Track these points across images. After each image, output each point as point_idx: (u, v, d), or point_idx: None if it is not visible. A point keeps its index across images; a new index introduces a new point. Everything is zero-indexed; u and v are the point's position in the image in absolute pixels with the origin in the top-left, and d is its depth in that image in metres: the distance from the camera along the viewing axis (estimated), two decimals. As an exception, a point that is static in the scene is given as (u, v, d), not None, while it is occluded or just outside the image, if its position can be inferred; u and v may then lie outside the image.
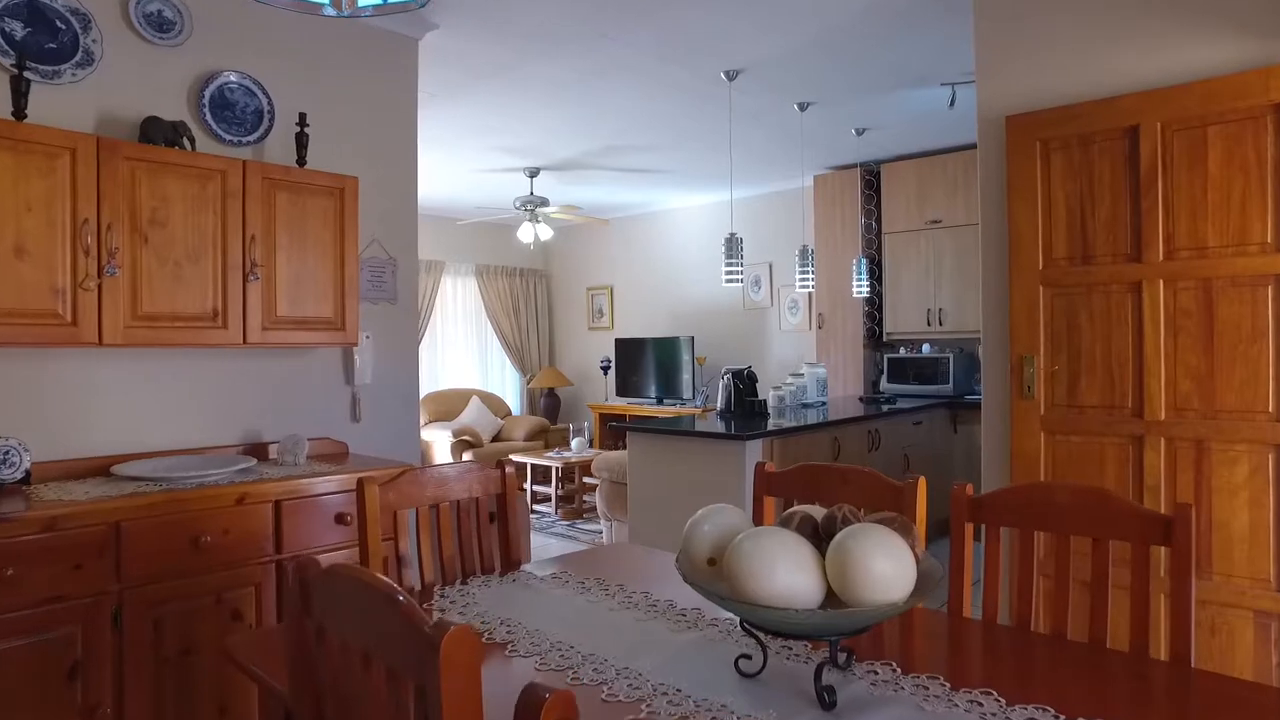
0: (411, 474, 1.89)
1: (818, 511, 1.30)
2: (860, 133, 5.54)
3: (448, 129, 5.30)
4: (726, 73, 4.28)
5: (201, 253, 2.57)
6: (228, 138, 2.89)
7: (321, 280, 2.89)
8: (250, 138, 2.96)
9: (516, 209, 6.48)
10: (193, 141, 2.68)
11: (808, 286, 5.05)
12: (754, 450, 3.78)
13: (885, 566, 1.09)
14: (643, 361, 8.02)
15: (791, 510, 1.28)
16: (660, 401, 7.77)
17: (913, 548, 1.18)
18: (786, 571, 1.11)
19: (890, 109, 5.00)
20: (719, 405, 4.72)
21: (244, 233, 2.67)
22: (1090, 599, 1.43)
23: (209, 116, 2.84)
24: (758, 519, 1.96)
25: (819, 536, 1.22)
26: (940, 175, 6.03)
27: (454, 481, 1.98)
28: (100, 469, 2.56)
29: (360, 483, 1.77)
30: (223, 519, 2.41)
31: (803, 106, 4.91)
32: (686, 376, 7.64)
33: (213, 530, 2.38)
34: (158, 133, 2.56)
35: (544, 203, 6.45)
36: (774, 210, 7.44)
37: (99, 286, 2.35)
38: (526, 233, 6.51)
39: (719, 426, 4.27)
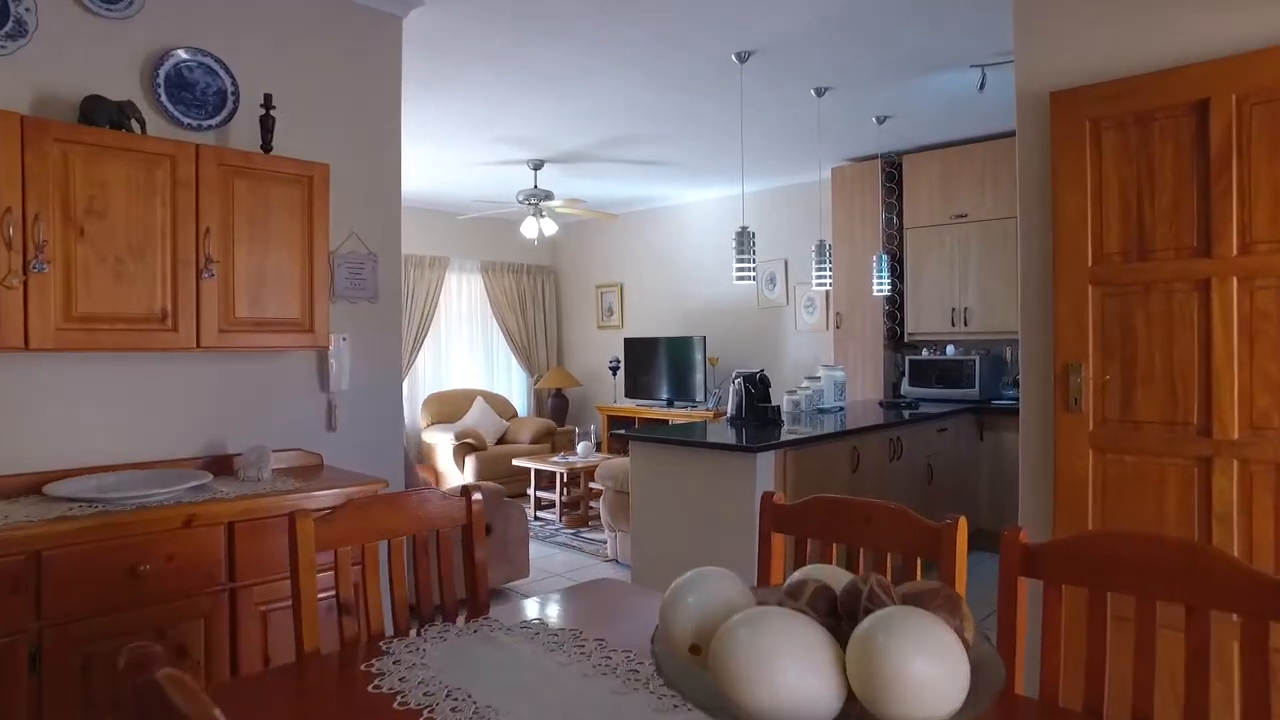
0: (358, 505, 1.62)
1: (836, 577, 1.01)
2: (881, 121, 5.22)
3: (446, 119, 5.03)
4: (738, 54, 3.98)
5: (148, 247, 2.31)
6: (186, 121, 2.63)
7: (287, 277, 2.62)
8: (211, 121, 2.69)
9: (520, 203, 6.21)
10: (143, 124, 2.42)
11: (825, 284, 4.75)
12: (765, 463, 3.48)
13: (929, 669, 0.80)
14: (653, 362, 7.73)
15: (802, 578, 0.99)
16: (671, 404, 7.48)
17: (962, 634, 0.89)
18: (795, 673, 0.82)
19: (914, 94, 4.68)
20: (729, 411, 4.43)
21: (197, 225, 2.41)
22: (1183, 684, 1.13)
23: (164, 97, 2.58)
24: (764, 560, 1.67)
25: (837, 615, 0.93)
26: (967, 167, 5.69)
27: (410, 512, 1.70)
28: (32, 488, 2.31)
29: (292, 519, 1.50)
30: (167, 544, 2.15)
31: (820, 92, 4.60)
32: (698, 378, 7.35)
33: (154, 557, 2.12)
34: (100, 113, 2.30)
35: (548, 196, 6.17)
36: (789, 204, 7.13)
37: (24, 284, 2.09)
38: (530, 228, 6.24)
39: (729, 435, 3.97)
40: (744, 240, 4.02)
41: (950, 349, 5.87)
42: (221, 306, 2.47)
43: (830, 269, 4.71)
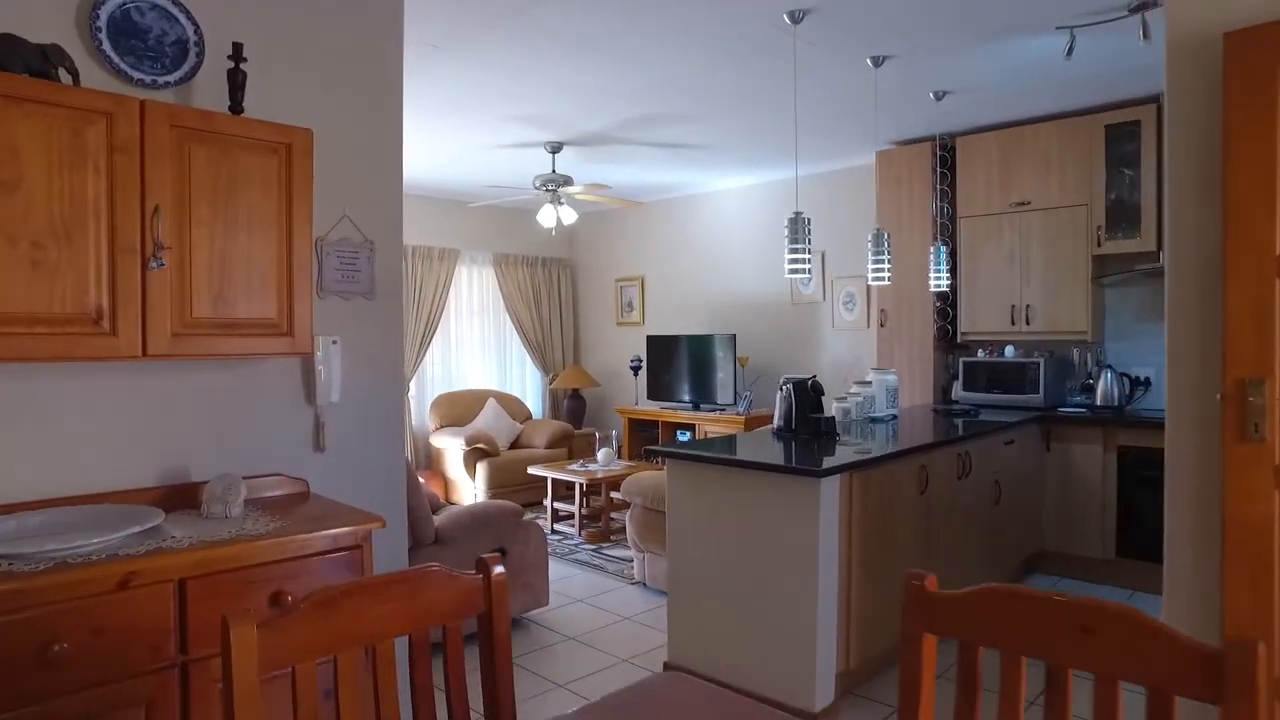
0: (322, 602, 1.11)
1: None
2: (939, 97, 4.68)
3: (456, 91, 4.53)
4: (791, 14, 3.46)
5: (76, 229, 1.82)
6: (137, 76, 2.14)
7: (260, 268, 2.12)
8: (169, 78, 2.20)
9: (536, 189, 5.70)
10: (75, 75, 1.93)
11: (882, 278, 4.22)
12: (831, 487, 2.97)
13: None
14: (678, 361, 7.22)
15: None
16: (697, 407, 6.97)
17: None
18: None
19: (983, 64, 4.14)
20: (776, 421, 3.92)
21: (143, 201, 1.91)
22: None
23: (106, 45, 2.09)
24: (910, 673, 1.16)
25: None
26: (1029, 149, 5.15)
27: (403, 602, 1.20)
28: (-74, 536, 1.82)
29: (224, 625, 1.00)
30: (94, 613, 1.66)
31: (877, 61, 4.07)
32: (725, 378, 6.83)
33: (74, 631, 1.63)
34: (13, 57, 1.80)
35: (567, 182, 5.66)
36: (826, 192, 6.60)
37: (-98, 276, 1.60)
38: (548, 216, 5.74)
39: (776, 450, 3.47)
40: (798, 228, 3.50)
41: (1009, 350, 5.34)
42: (175, 304, 1.97)
43: (889, 261, 4.18)
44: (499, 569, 1.27)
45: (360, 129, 2.64)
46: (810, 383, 3.83)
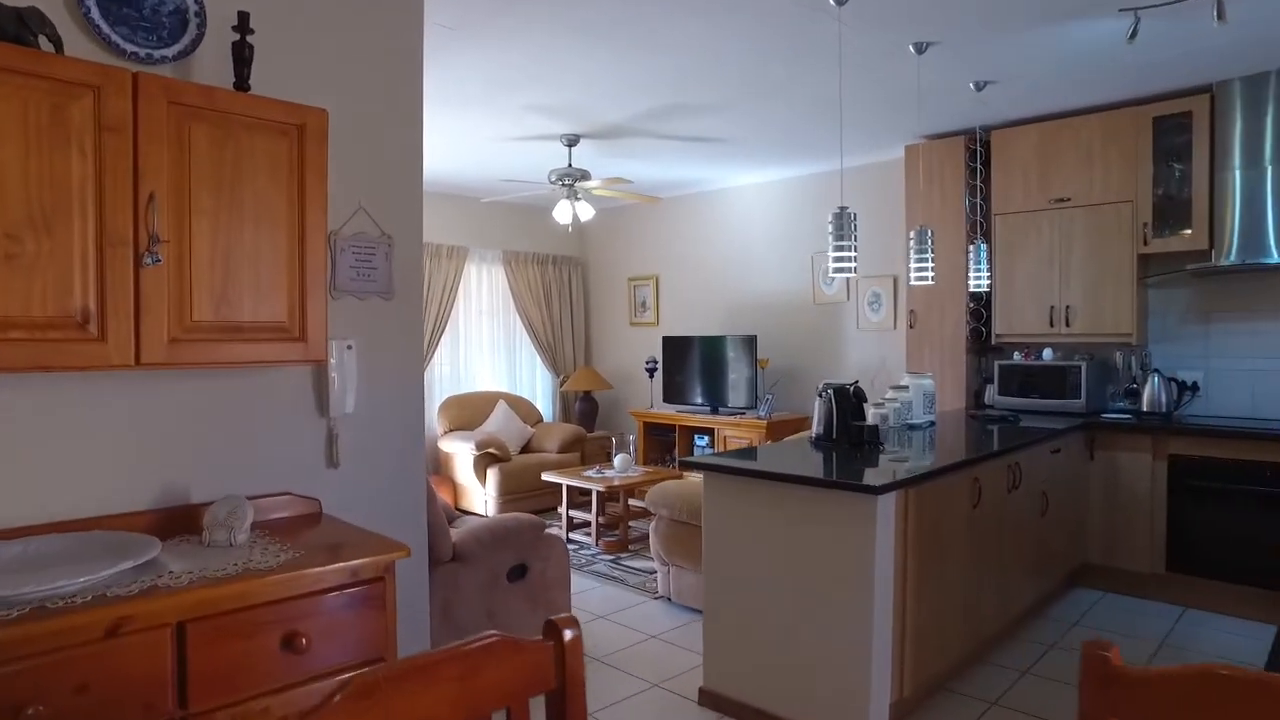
0: (363, 690, 0.87)
1: None
2: (980, 87, 4.44)
3: (470, 79, 4.29)
4: (837, -6, 3.22)
5: (57, 218, 1.58)
6: (130, 49, 1.90)
7: (269, 265, 1.88)
8: (167, 51, 1.96)
9: (552, 184, 5.46)
10: (58, 44, 1.69)
11: (926, 278, 3.97)
12: (887, 505, 2.73)
13: None
14: (695, 363, 6.98)
15: None
16: (715, 410, 6.73)
17: None
18: None
19: (1030, 52, 3.90)
20: (814, 430, 3.68)
21: (136, 188, 1.67)
22: None
23: (95, 13, 1.85)
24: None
25: None
26: (1070, 143, 4.91)
27: (459, 684, 0.95)
28: (-116, 575, 1.59)
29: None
30: (78, 667, 1.43)
31: (920, 48, 3.83)
32: (745, 381, 6.59)
33: (53, 690, 1.39)
34: (-14, 21, 1.57)
35: (585, 176, 5.42)
36: (850, 188, 6.35)
37: None
38: (564, 212, 5.50)
39: (817, 461, 3.23)
40: (843, 223, 3.26)
41: (1047, 353, 5.10)
42: (173, 306, 1.73)
43: (932, 260, 3.94)
44: (571, 632, 1.03)
45: (377, 110, 2.40)
46: (852, 389, 3.59)
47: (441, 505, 3.49)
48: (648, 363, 7.25)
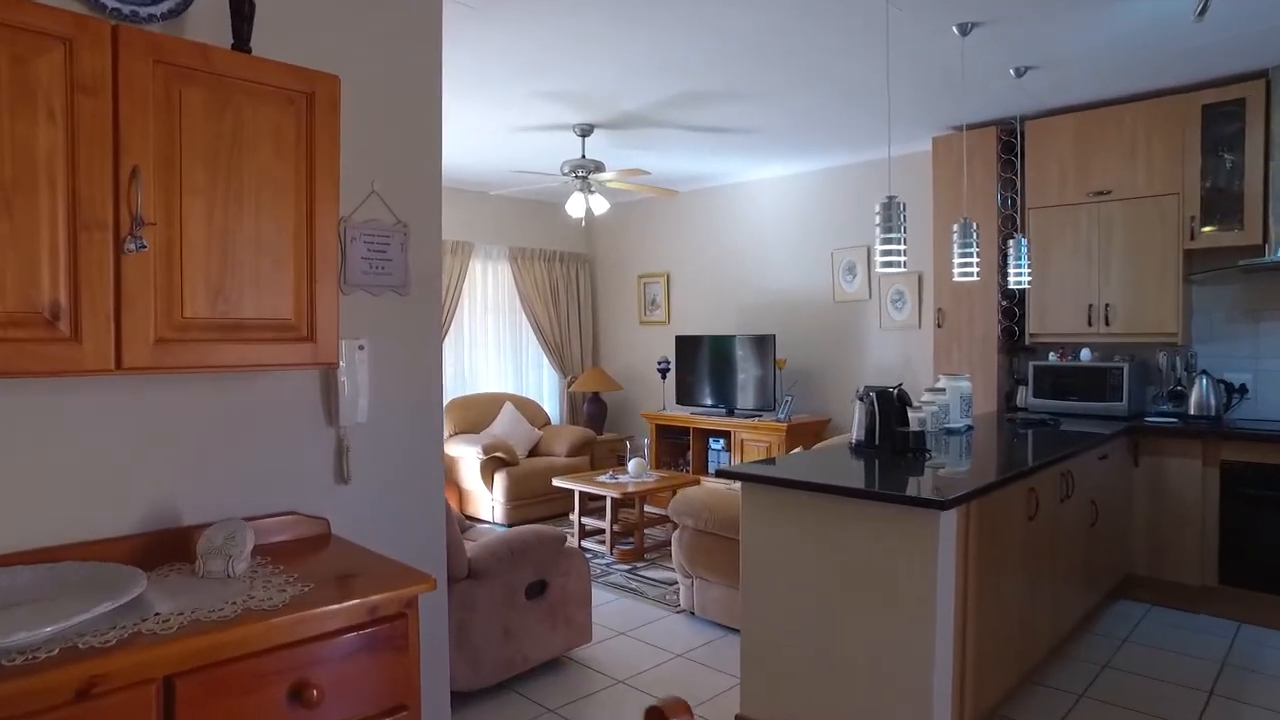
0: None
1: None
2: (1021, 72, 4.20)
3: (481, 61, 4.04)
4: (885, -35, 2.97)
5: (20, 195, 1.33)
6: (112, 4, 1.65)
7: (272, 253, 1.63)
8: (155, 9, 1.71)
9: (565, 175, 5.21)
10: (26, -9, 1.44)
11: (970, 274, 3.72)
12: (950, 520, 2.49)
13: None
14: (709, 363, 6.74)
15: None
16: (731, 413, 6.49)
17: None
18: None
19: (1079, 34, 3.66)
20: (854, 434, 3.43)
21: (116, 161, 1.42)
22: None
23: (72, -41, 1.59)
24: None
25: None
26: (1112, 133, 4.67)
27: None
28: None
29: None
30: (43, 735, 1.18)
31: (965, 29, 3.59)
32: (762, 382, 6.35)
33: (14, 767, 1.14)
34: (-64, -42, 1.31)
35: (599, 168, 5.17)
36: (872, 182, 6.12)
37: None
38: (577, 205, 5.25)
39: (861, 471, 2.99)
40: (892, 214, 3.01)
41: (1085, 354, 4.86)
42: (161, 300, 1.48)
43: (977, 255, 3.69)
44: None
45: (392, 84, 2.15)
46: (895, 392, 3.35)
47: (454, 517, 3.25)
48: (660, 363, 7.00)
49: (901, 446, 3.27)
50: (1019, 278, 4.22)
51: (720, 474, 2.95)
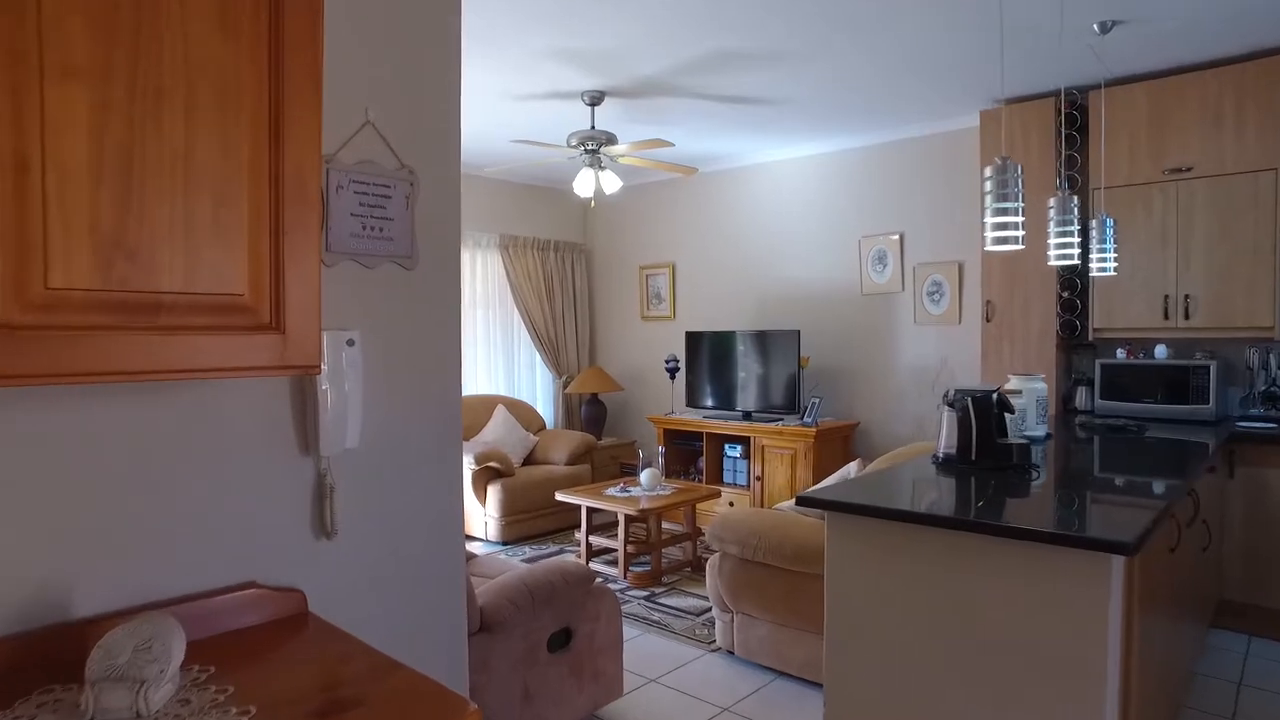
0: None
1: None
2: (1106, 28, 3.65)
3: (480, 13, 3.40)
4: None
5: None
6: None
7: (213, 189, 1.00)
8: None
9: (572, 148, 4.58)
10: None
11: (1070, 256, 3.13)
12: (1119, 570, 1.91)
13: None
14: (723, 362, 6.14)
15: None
16: (749, 416, 5.89)
17: None
18: None
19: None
20: (941, 447, 2.84)
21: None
22: None
23: None
24: None
25: None
26: (1194, 102, 4.13)
27: None
28: None
29: None
30: None
31: (1062, -35, 3.03)
32: (781, 381, 5.76)
33: None
34: None
35: (611, 140, 4.55)
36: (905, 163, 5.56)
37: None
38: (585, 183, 4.62)
39: (945, 491, 2.41)
40: (1007, 178, 2.42)
41: (1160, 350, 4.33)
42: (11, 258, 0.85)
43: (1077, 233, 3.10)
44: None
45: (395, -30, 1.52)
46: (995, 397, 2.77)
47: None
48: (668, 361, 6.39)
49: (1004, 462, 2.70)
50: (1104, 264, 3.66)
51: (802, 501, 2.35)
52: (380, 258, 1.53)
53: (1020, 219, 2.43)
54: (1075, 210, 3.11)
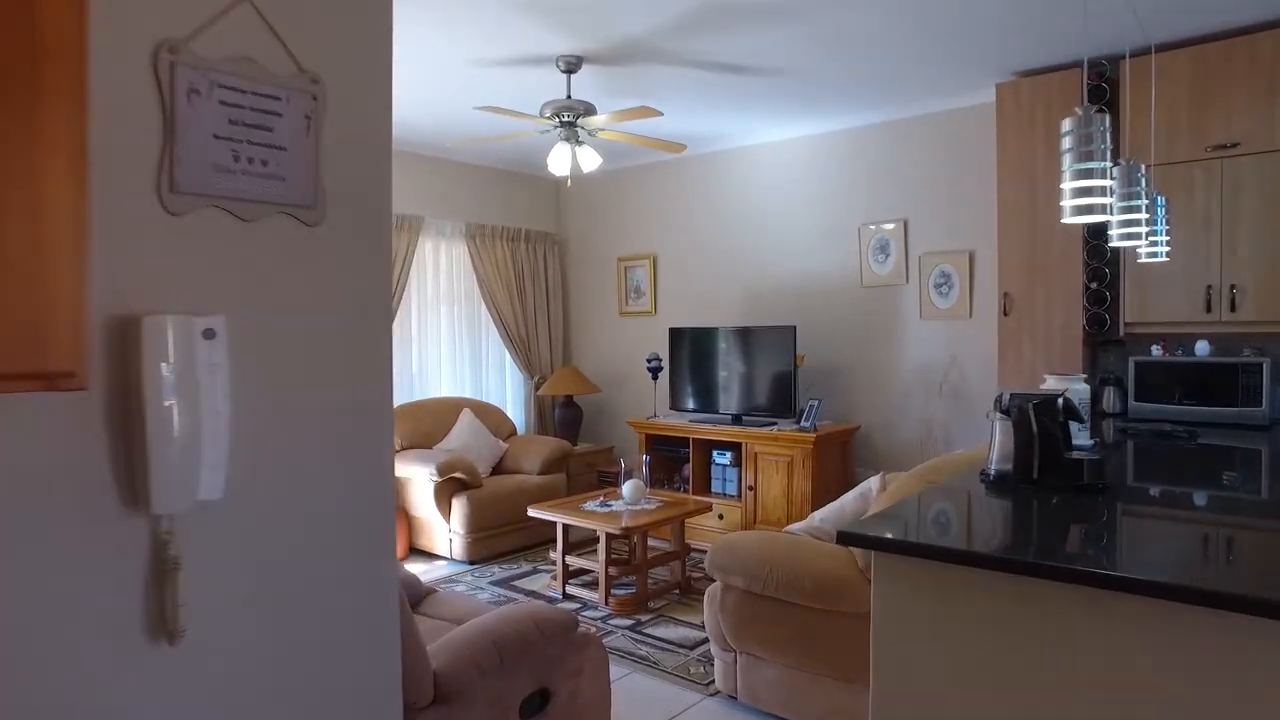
0: None
1: None
2: (1155, -20, 3.20)
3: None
4: None
5: None
6: None
7: None
8: None
9: (545, 119, 4.05)
10: None
11: (1137, 235, 2.67)
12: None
13: None
14: (710, 361, 5.64)
15: None
16: (739, 420, 5.40)
17: None
18: None
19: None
20: (994, 463, 2.36)
21: None
22: None
23: None
24: None
25: None
26: (1242, 70, 3.71)
27: None
28: None
29: None
30: None
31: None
32: (774, 381, 5.28)
33: None
34: None
35: (589, 110, 4.03)
36: (908, 145, 5.10)
37: None
38: (560, 159, 4.09)
39: (1021, 523, 1.93)
40: (1091, 130, 1.94)
41: (1201, 346, 3.91)
42: None
43: (1145, 206, 2.64)
44: None
45: None
46: (1060, 402, 2.30)
47: (407, 612, 2.10)
48: (650, 360, 5.88)
49: (1072, 481, 2.22)
50: (1155, 249, 3.21)
51: (845, 539, 1.84)
52: (264, 205, 1.00)
53: (1109, 182, 1.95)
54: (1143, 181, 2.64)
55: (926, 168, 5.01)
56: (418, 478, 5.07)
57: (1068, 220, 2.04)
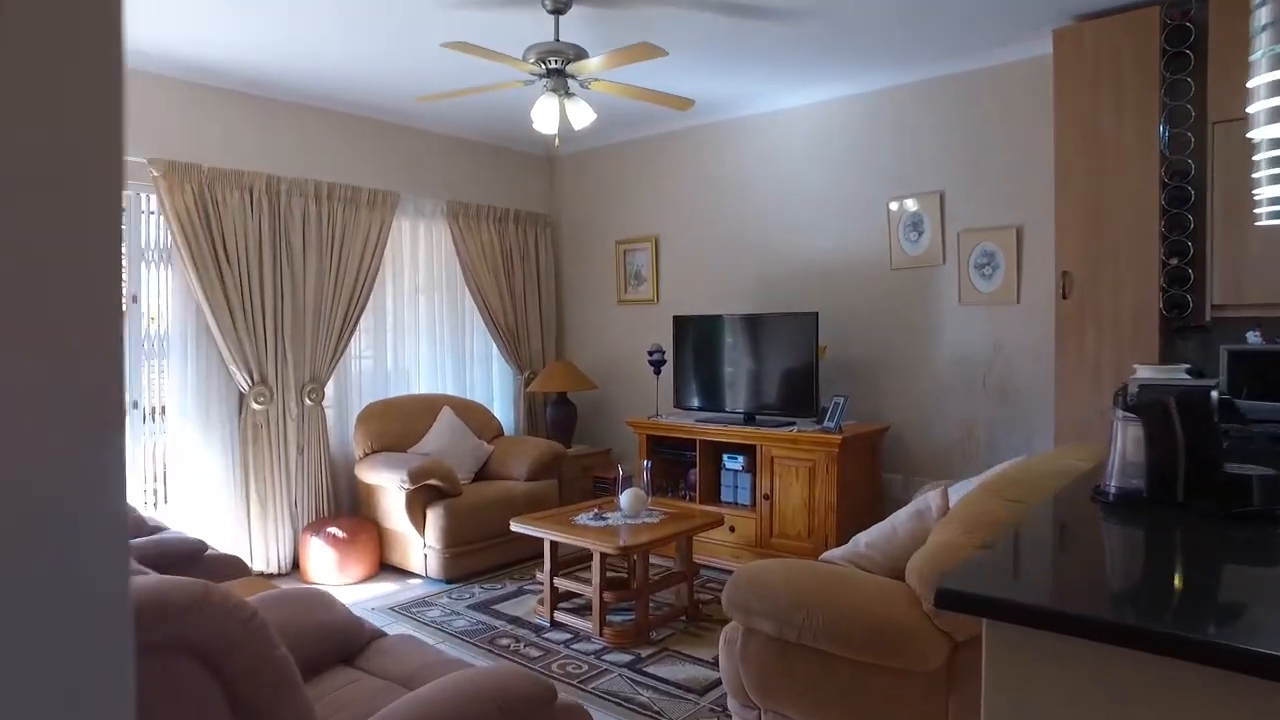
0: None
1: None
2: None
3: None
4: None
5: None
6: None
7: None
8: None
9: (530, 66, 3.44)
10: None
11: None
12: None
13: None
14: (719, 353, 5.03)
15: None
16: (752, 419, 4.79)
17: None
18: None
19: None
20: (1113, 477, 1.75)
21: None
22: None
23: None
24: None
25: None
26: (1359, 0, 3.09)
27: None
28: None
29: None
30: None
31: None
32: (793, 376, 4.67)
33: None
34: None
35: (580, 55, 3.42)
36: (943, 107, 4.49)
37: None
38: (547, 114, 3.47)
39: (1165, 586, 1.33)
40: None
41: (1305, 333, 3.30)
42: None
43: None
44: None
45: None
46: (1216, 399, 1.69)
47: (300, 691, 1.48)
48: (652, 352, 5.27)
49: (1233, 505, 1.61)
50: (1277, 210, 2.60)
51: (950, 601, 1.23)
52: None
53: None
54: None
55: (966, 134, 4.40)
56: (388, 485, 4.46)
57: (1259, 132, 1.42)
